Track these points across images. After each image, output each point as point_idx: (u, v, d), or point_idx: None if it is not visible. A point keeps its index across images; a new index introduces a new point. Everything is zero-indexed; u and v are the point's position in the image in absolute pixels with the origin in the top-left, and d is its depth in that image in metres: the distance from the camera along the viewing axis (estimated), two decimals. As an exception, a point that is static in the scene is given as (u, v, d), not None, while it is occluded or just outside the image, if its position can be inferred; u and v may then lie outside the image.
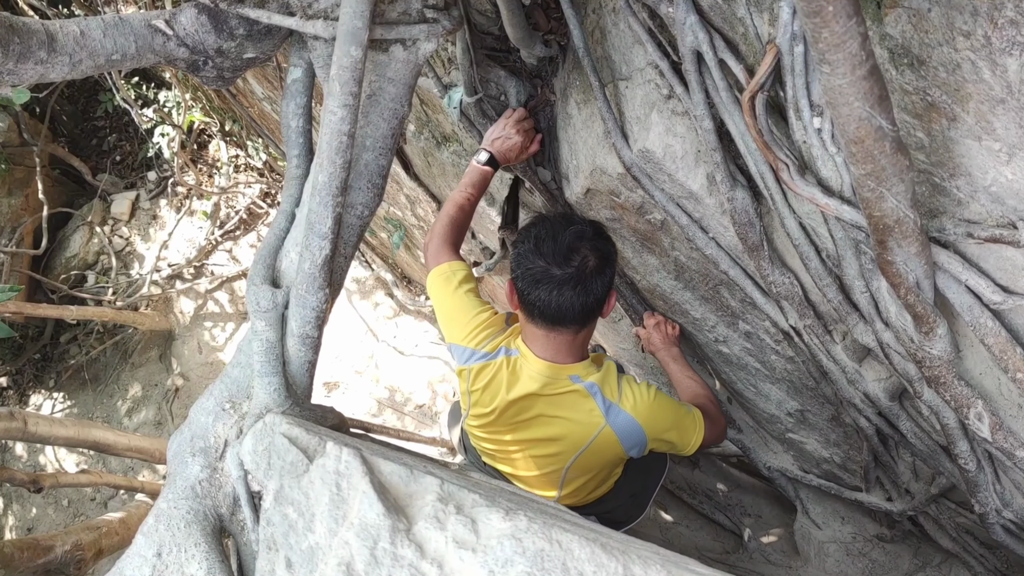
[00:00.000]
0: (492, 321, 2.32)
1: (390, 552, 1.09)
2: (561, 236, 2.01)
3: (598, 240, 2.05)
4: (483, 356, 2.26)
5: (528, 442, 2.33)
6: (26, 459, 7.81)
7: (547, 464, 2.35)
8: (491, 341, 2.27)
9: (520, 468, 2.44)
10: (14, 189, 8.22)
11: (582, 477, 2.39)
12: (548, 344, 2.15)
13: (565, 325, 2.08)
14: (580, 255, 2.00)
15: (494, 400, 2.26)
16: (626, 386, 2.21)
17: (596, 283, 2.02)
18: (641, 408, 2.18)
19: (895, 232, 1.34)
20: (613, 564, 1.05)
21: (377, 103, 1.70)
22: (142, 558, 1.45)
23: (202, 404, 1.66)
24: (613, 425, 2.17)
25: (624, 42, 2.05)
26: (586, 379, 2.17)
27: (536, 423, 2.26)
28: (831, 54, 1.01)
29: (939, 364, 1.63)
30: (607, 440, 2.21)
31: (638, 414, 2.17)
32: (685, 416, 2.30)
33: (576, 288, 1.99)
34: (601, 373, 2.20)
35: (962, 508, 2.43)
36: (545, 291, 2.00)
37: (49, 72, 1.55)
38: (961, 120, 1.29)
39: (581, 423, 2.20)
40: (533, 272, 2.01)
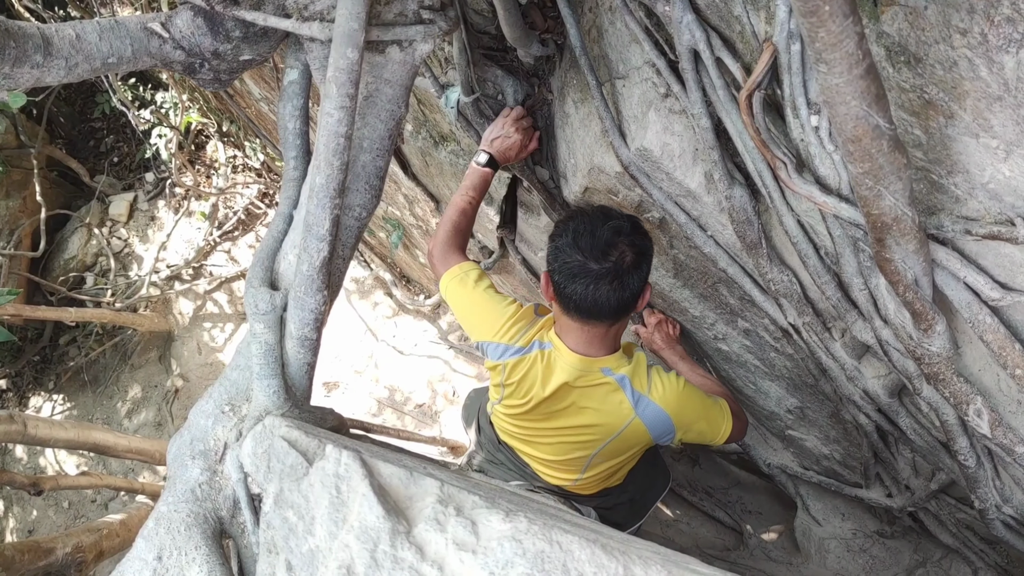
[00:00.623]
0: (521, 314, 2.34)
1: (390, 555, 1.09)
2: (599, 231, 2.02)
3: (635, 235, 2.06)
4: (517, 351, 2.29)
5: (559, 430, 2.37)
6: (26, 462, 7.80)
7: (575, 450, 2.40)
8: (523, 335, 2.30)
9: (545, 452, 2.49)
10: (12, 191, 8.21)
11: (607, 463, 2.44)
12: (582, 336, 2.17)
13: (600, 319, 2.10)
14: (618, 250, 2.01)
15: (529, 393, 2.30)
16: (656, 377, 2.24)
17: (633, 278, 2.03)
18: (671, 399, 2.21)
19: (893, 230, 1.34)
20: (613, 565, 1.05)
21: (374, 104, 1.69)
22: (142, 561, 1.45)
23: (201, 407, 1.66)
24: (643, 417, 2.22)
25: (621, 41, 2.05)
26: (617, 372, 2.20)
27: (568, 412, 2.30)
28: (828, 53, 1.01)
29: (938, 361, 1.63)
30: (636, 431, 2.25)
31: (667, 405, 2.21)
32: (712, 407, 2.34)
33: (613, 283, 2.00)
34: (632, 365, 2.23)
35: (962, 504, 2.43)
36: (582, 285, 2.02)
37: (45, 76, 1.54)
38: (958, 117, 1.29)
39: (612, 414, 2.24)
40: (570, 266, 2.03)
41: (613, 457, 2.42)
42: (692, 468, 4.07)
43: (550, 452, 2.48)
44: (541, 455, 2.53)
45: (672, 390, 2.22)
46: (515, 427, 2.52)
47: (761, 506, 3.86)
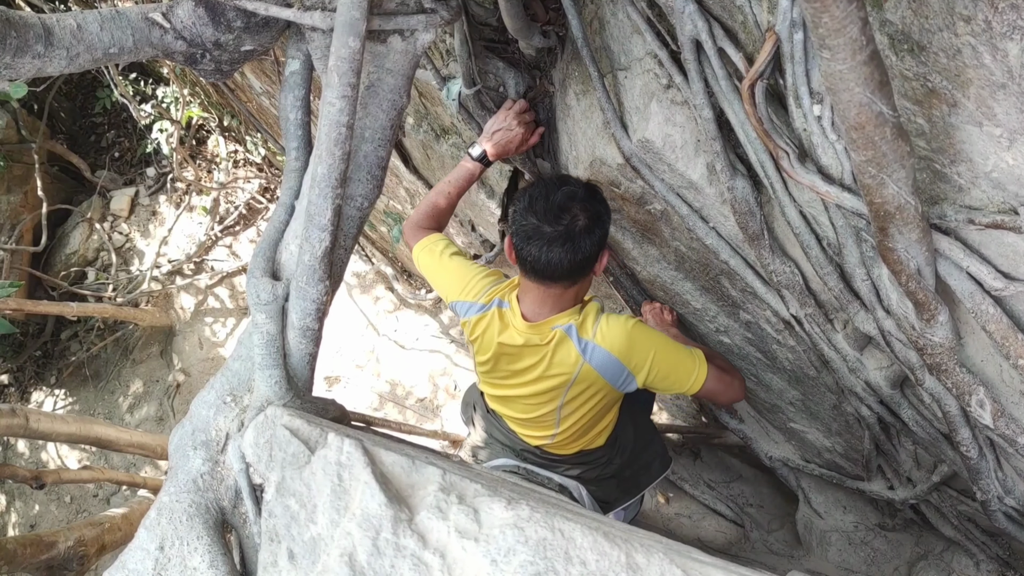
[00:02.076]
0: (487, 274, 2.46)
1: (392, 542, 1.09)
2: (553, 195, 2.09)
3: (589, 201, 2.12)
4: (480, 308, 2.40)
5: (521, 386, 2.45)
6: (28, 456, 7.81)
7: (541, 406, 2.48)
8: (486, 292, 2.40)
9: (518, 410, 2.59)
10: (13, 186, 8.20)
11: (576, 414, 2.48)
12: (538, 296, 2.26)
13: (555, 280, 2.18)
14: (570, 214, 2.08)
15: (489, 348, 2.41)
16: (603, 322, 2.28)
17: (585, 241, 2.09)
18: (616, 340, 2.24)
19: (896, 219, 1.34)
20: (616, 552, 1.05)
21: (376, 94, 1.69)
22: (145, 551, 1.45)
23: (203, 397, 1.66)
24: (591, 362, 2.26)
25: (623, 32, 2.04)
26: (564, 324, 2.27)
27: (525, 372, 2.40)
28: (831, 39, 1.01)
29: (940, 351, 1.63)
30: (589, 376, 2.30)
31: (613, 346, 2.23)
32: (677, 350, 2.32)
33: (565, 245, 2.08)
34: (580, 316, 2.28)
35: (964, 496, 2.43)
36: (536, 247, 2.10)
37: (47, 66, 1.54)
38: (962, 106, 1.28)
39: (562, 364, 2.30)
40: (526, 229, 2.11)
41: (580, 408, 2.45)
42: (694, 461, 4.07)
43: (521, 410, 2.57)
44: (516, 414, 2.62)
45: (618, 331, 2.25)
46: (490, 388, 2.62)
47: (763, 499, 3.87)
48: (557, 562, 1.03)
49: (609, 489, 2.87)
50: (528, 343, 2.31)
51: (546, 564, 1.03)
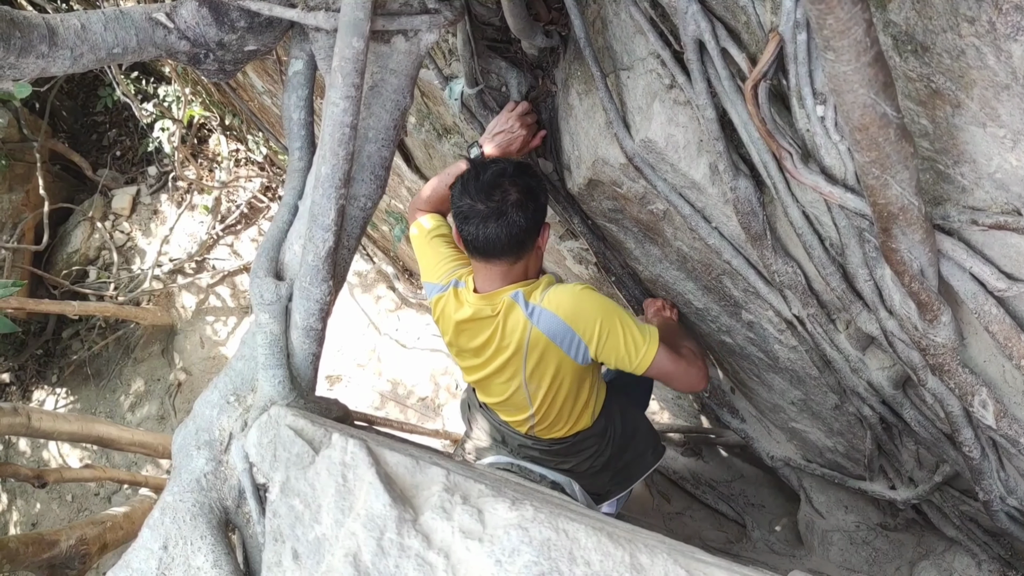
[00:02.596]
0: (456, 258, 2.52)
1: (397, 543, 1.09)
2: (484, 175, 2.18)
3: (519, 176, 2.19)
4: (440, 288, 2.49)
5: (484, 364, 2.49)
6: (29, 455, 7.81)
7: (509, 382, 2.50)
8: (449, 275, 2.48)
9: (496, 394, 2.61)
10: (15, 185, 8.20)
11: (543, 387, 2.47)
12: (487, 274, 2.32)
13: (497, 256, 2.24)
14: (501, 190, 2.16)
15: (449, 327, 2.48)
16: (552, 289, 2.31)
17: (518, 215, 2.16)
18: (562, 303, 2.26)
19: (899, 219, 1.34)
20: (620, 553, 1.05)
21: (379, 94, 1.69)
22: (148, 551, 1.46)
23: (207, 397, 1.66)
24: (539, 325, 2.28)
25: (625, 32, 2.04)
26: (514, 292, 2.31)
27: (484, 349, 2.45)
28: (836, 40, 1.01)
29: (943, 352, 1.63)
30: (539, 341, 2.31)
31: (558, 309, 2.25)
32: (626, 320, 2.28)
33: (499, 220, 2.15)
34: (530, 285, 2.33)
35: (966, 496, 2.43)
36: (473, 226, 2.18)
37: (51, 66, 1.54)
38: (965, 107, 1.28)
39: (513, 332, 2.34)
40: (463, 209, 2.19)
41: (544, 380, 2.43)
42: (695, 461, 4.07)
43: (496, 392, 2.59)
44: (493, 399, 2.65)
45: (566, 295, 2.27)
46: (465, 372, 2.66)
47: (764, 499, 3.87)
48: (561, 562, 1.03)
49: (602, 481, 2.89)
50: (478, 314, 2.35)
51: (550, 564, 1.03)
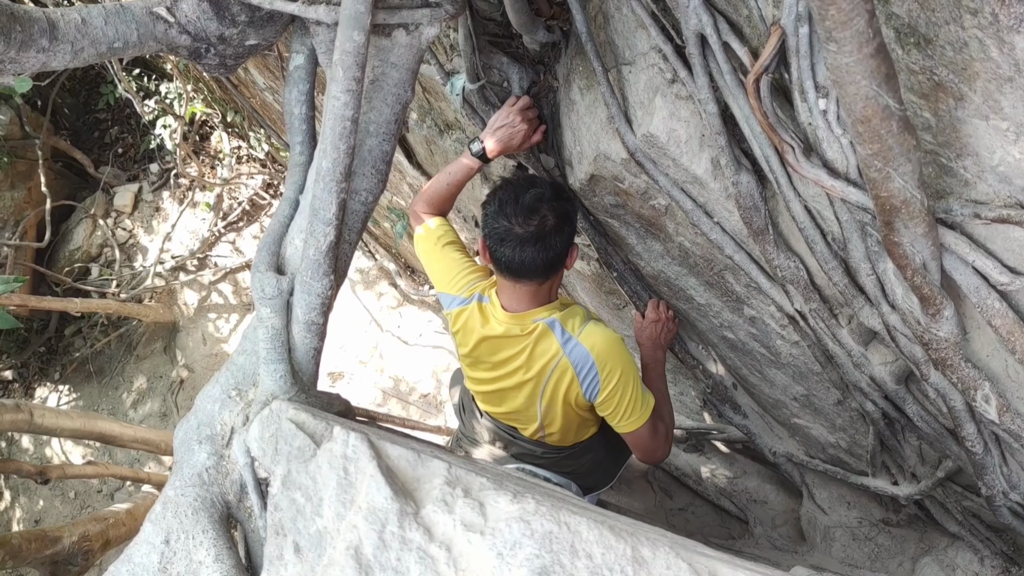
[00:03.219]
0: (473, 269, 2.55)
1: (398, 535, 1.09)
2: (522, 198, 2.18)
3: (557, 201, 2.21)
4: (462, 301, 2.50)
5: (502, 377, 2.52)
6: (32, 451, 7.82)
7: (523, 398, 2.54)
8: (470, 287, 2.49)
9: (505, 406, 2.64)
10: (17, 182, 8.21)
11: (555, 409, 2.52)
12: (515, 294, 2.35)
13: (529, 278, 2.28)
14: (540, 215, 2.17)
15: (469, 340, 2.50)
16: (591, 326, 2.37)
17: (555, 240, 2.20)
18: (597, 343, 2.33)
19: (902, 213, 1.34)
20: (622, 546, 1.05)
21: (380, 88, 1.69)
22: (150, 545, 1.46)
23: (208, 392, 1.66)
24: (569, 356, 2.35)
25: (627, 26, 2.04)
26: (547, 317, 2.35)
27: (506, 363, 2.47)
28: (838, 32, 1.01)
29: (946, 346, 1.62)
30: (565, 370, 2.37)
31: (592, 347, 2.32)
32: (638, 384, 2.40)
33: (536, 245, 2.19)
34: (565, 312, 2.38)
35: (968, 491, 2.43)
36: (509, 248, 2.20)
37: (51, 60, 1.54)
38: (968, 99, 1.28)
39: (543, 356, 2.38)
40: (498, 231, 2.21)
41: (558, 403, 2.49)
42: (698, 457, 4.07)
43: (506, 405, 2.63)
44: (502, 409, 2.68)
45: (602, 336, 2.34)
46: (476, 385, 2.69)
47: (766, 495, 3.86)
48: (563, 555, 1.03)
49: (597, 477, 2.97)
50: (508, 333, 2.39)
51: (552, 557, 1.03)
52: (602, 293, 3.55)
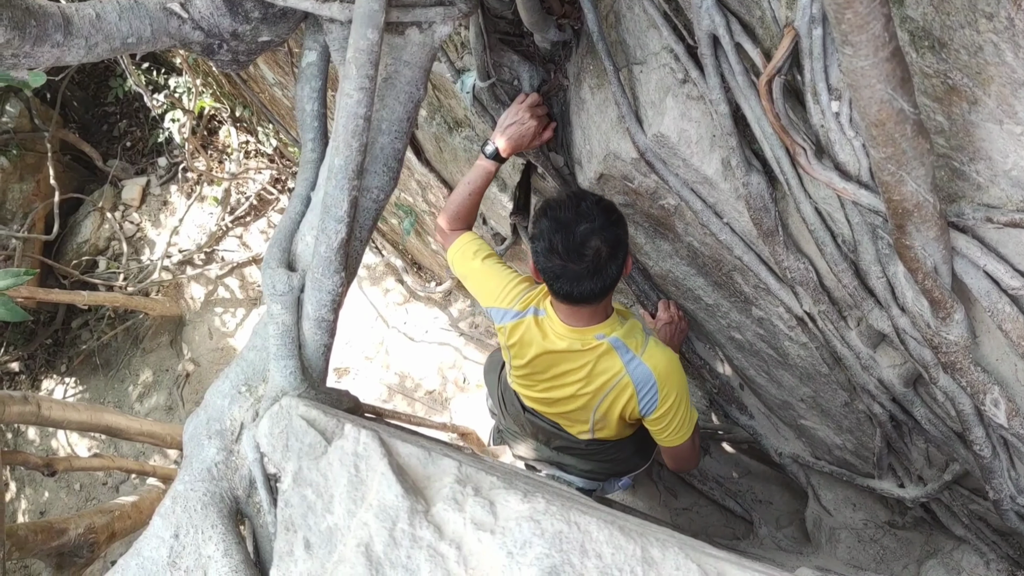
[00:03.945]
0: (519, 280, 2.53)
1: (409, 533, 1.09)
2: (572, 235, 2.11)
3: (607, 229, 2.12)
4: (516, 315, 2.48)
5: (558, 388, 2.52)
6: (38, 443, 7.84)
7: (578, 407, 2.55)
8: (522, 299, 2.48)
9: (554, 408, 2.65)
10: (25, 175, 8.22)
11: (609, 419, 2.55)
12: (571, 313, 2.33)
13: (587, 303, 2.25)
14: (592, 248, 2.10)
15: (527, 353, 2.48)
16: (652, 343, 2.38)
17: (611, 267, 2.15)
18: (660, 363, 2.34)
19: (914, 216, 1.34)
20: (631, 546, 1.05)
21: (393, 86, 1.69)
22: (159, 539, 1.46)
23: (218, 387, 1.67)
24: (632, 374, 2.35)
25: (639, 26, 2.04)
26: (610, 335, 2.34)
27: (564, 376, 2.47)
28: (854, 35, 1.01)
29: (955, 350, 1.62)
30: (626, 387, 2.37)
31: (655, 367, 2.34)
32: (689, 403, 2.46)
33: (594, 278, 2.14)
34: (626, 328, 2.37)
35: (975, 495, 2.43)
36: (567, 284, 2.15)
37: (65, 55, 1.55)
38: (982, 103, 1.28)
39: (605, 373, 2.38)
40: (553, 268, 2.15)
41: (614, 414, 2.52)
42: (703, 457, 4.07)
43: (558, 408, 2.64)
44: (552, 410, 2.69)
45: (664, 357, 2.35)
46: (527, 390, 2.69)
47: (771, 496, 3.86)
48: (573, 555, 1.03)
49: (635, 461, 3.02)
50: (570, 348, 2.37)
51: (562, 557, 1.03)
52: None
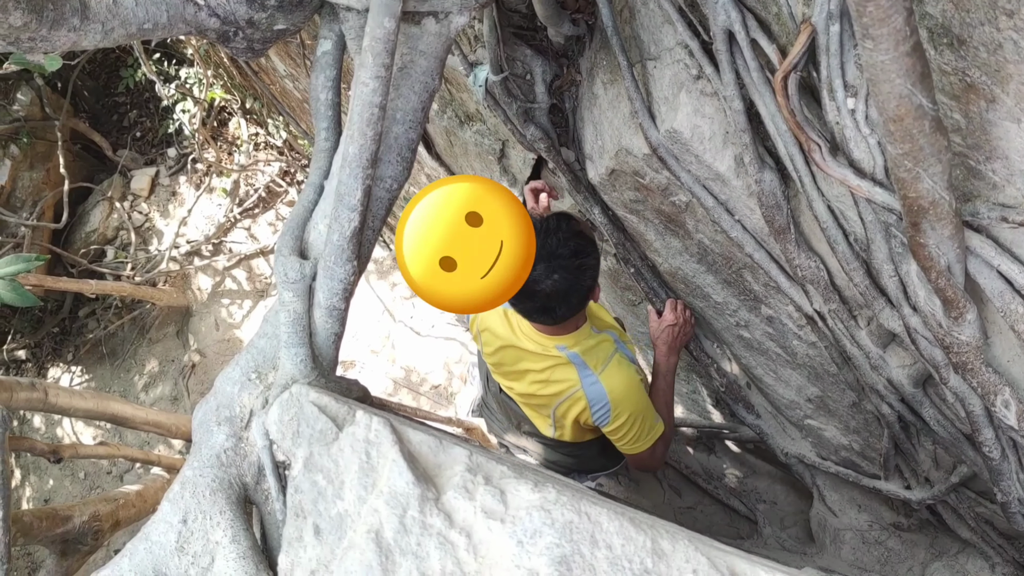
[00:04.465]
0: None
1: (419, 521, 1.10)
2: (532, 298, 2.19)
3: (565, 275, 2.17)
4: None
5: (521, 383, 2.62)
6: (43, 431, 7.87)
7: (538, 404, 2.63)
8: None
9: (521, 399, 2.73)
10: (36, 163, 8.25)
11: (565, 422, 2.61)
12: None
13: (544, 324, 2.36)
14: (542, 292, 2.16)
15: (494, 343, 2.57)
16: (614, 363, 2.42)
17: (560, 309, 2.25)
18: (616, 386, 2.40)
19: (929, 214, 1.33)
20: (642, 538, 1.05)
21: (408, 76, 1.69)
22: (168, 524, 1.47)
23: (228, 374, 1.67)
24: (586, 390, 2.42)
25: (653, 21, 2.03)
26: (572, 349, 2.40)
27: (525, 376, 2.55)
28: (875, 29, 1.00)
29: (967, 350, 1.62)
30: (579, 399, 2.44)
31: (612, 390, 2.41)
32: (650, 419, 2.54)
33: (544, 314, 2.27)
34: (592, 343, 2.43)
35: (982, 497, 2.42)
36: (519, 309, 2.29)
37: (82, 40, 1.55)
38: (1000, 102, 1.27)
39: (561, 383, 2.45)
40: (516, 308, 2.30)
41: (568, 419, 2.57)
42: (708, 456, 4.07)
43: (525, 401, 2.71)
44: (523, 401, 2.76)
45: (622, 381, 2.41)
46: (499, 376, 2.76)
47: (776, 496, 3.86)
48: (583, 545, 1.03)
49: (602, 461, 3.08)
50: (532, 350, 2.45)
51: (572, 547, 1.03)
52: (617, 288, 3.55)
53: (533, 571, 1.02)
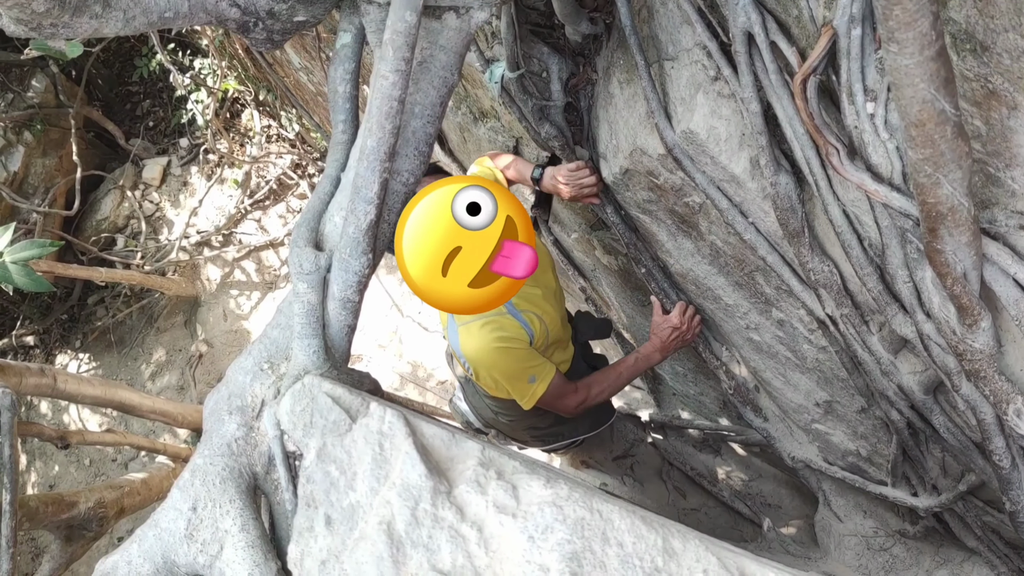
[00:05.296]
0: None
1: (431, 513, 1.10)
2: None
3: None
4: None
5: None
6: (50, 417, 7.90)
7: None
8: None
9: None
10: (49, 150, 8.29)
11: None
12: None
13: None
14: None
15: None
16: (477, 326, 2.54)
17: None
18: (469, 348, 2.57)
19: (948, 220, 1.33)
20: (653, 536, 1.05)
21: (428, 70, 1.69)
22: (178, 511, 1.47)
23: (240, 363, 1.67)
24: (449, 337, 2.66)
25: (672, 22, 2.03)
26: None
27: None
28: (901, 32, 1.00)
29: (980, 358, 1.61)
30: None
31: (463, 344, 2.58)
32: (519, 384, 2.65)
33: None
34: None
35: (990, 506, 2.41)
36: None
37: (103, 27, 1.55)
38: (1022, 109, 1.27)
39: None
40: None
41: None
42: (713, 458, 4.06)
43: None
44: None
45: (472, 342, 2.55)
46: None
47: (781, 499, 3.85)
48: (594, 542, 1.03)
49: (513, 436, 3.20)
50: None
51: (583, 544, 1.03)
52: (628, 288, 3.55)
53: (544, 567, 1.02)
